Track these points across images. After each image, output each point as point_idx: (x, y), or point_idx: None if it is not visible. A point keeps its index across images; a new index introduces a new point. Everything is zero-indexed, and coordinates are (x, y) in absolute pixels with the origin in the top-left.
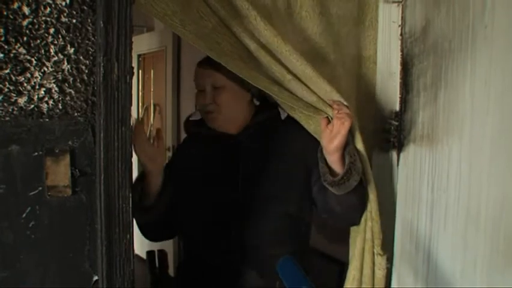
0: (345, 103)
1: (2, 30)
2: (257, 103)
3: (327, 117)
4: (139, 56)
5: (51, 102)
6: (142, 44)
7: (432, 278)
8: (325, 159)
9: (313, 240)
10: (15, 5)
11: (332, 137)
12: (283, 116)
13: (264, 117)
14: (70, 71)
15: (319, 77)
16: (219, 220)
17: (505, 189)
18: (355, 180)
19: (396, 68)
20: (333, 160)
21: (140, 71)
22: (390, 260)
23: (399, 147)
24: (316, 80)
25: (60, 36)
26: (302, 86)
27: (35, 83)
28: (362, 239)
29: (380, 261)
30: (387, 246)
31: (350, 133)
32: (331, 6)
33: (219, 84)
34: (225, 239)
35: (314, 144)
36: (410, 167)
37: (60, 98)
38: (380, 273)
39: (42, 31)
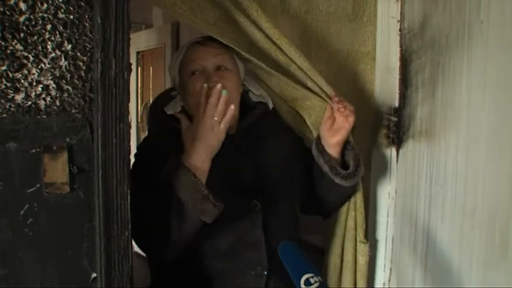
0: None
1: None
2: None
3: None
4: (137, 53)
5: (48, 99)
6: (140, 41)
7: (430, 272)
8: (327, 154)
9: None
10: (12, 1)
11: (335, 130)
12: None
13: (259, 112)
14: (68, 67)
15: (314, 70)
16: (242, 233)
17: (500, 185)
18: (362, 172)
19: (396, 63)
20: (333, 153)
21: (139, 68)
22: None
23: (399, 143)
24: (314, 73)
25: (57, 32)
26: (306, 77)
27: (32, 79)
28: (343, 227)
29: (363, 249)
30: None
31: None
32: (321, 3)
33: (227, 66)
34: (250, 246)
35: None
36: (409, 163)
37: (57, 95)
38: (363, 260)
39: (39, 27)
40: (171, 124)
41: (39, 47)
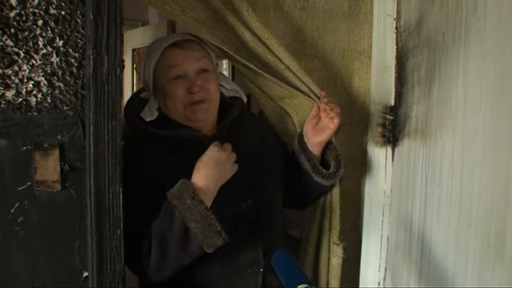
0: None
1: None
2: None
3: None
4: (133, 50)
5: (40, 95)
6: (136, 38)
7: (425, 273)
8: (310, 152)
9: None
10: None
11: (319, 129)
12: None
13: (237, 113)
14: (59, 64)
15: (303, 70)
16: (238, 234)
17: (496, 185)
18: (342, 172)
19: (392, 62)
20: (314, 151)
21: (134, 66)
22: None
23: (394, 141)
24: (302, 72)
25: (49, 28)
26: (295, 76)
27: (23, 76)
28: (318, 228)
29: (336, 250)
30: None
31: None
32: (317, 0)
33: (207, 67)
34: (242, 251)
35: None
36: (405, 162)
37: (49, 92)
38: (336, 261)
39: (30, 23)
40: (150, 129)
41: (31, 43)
